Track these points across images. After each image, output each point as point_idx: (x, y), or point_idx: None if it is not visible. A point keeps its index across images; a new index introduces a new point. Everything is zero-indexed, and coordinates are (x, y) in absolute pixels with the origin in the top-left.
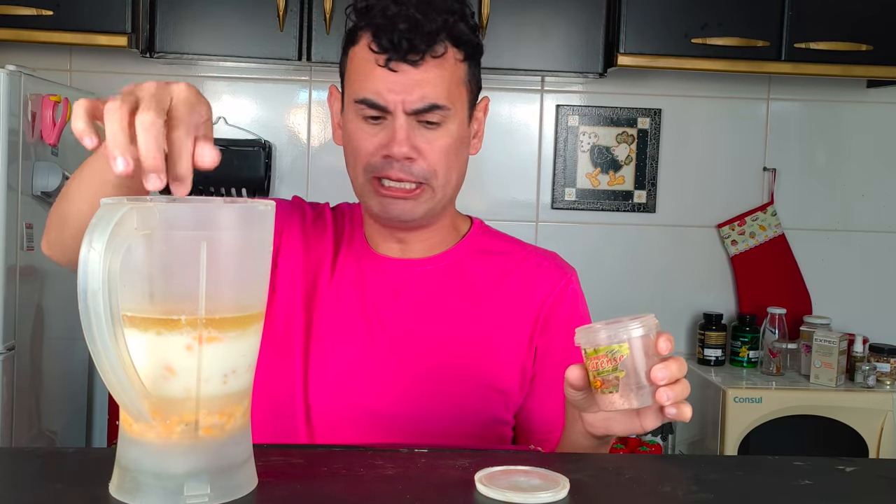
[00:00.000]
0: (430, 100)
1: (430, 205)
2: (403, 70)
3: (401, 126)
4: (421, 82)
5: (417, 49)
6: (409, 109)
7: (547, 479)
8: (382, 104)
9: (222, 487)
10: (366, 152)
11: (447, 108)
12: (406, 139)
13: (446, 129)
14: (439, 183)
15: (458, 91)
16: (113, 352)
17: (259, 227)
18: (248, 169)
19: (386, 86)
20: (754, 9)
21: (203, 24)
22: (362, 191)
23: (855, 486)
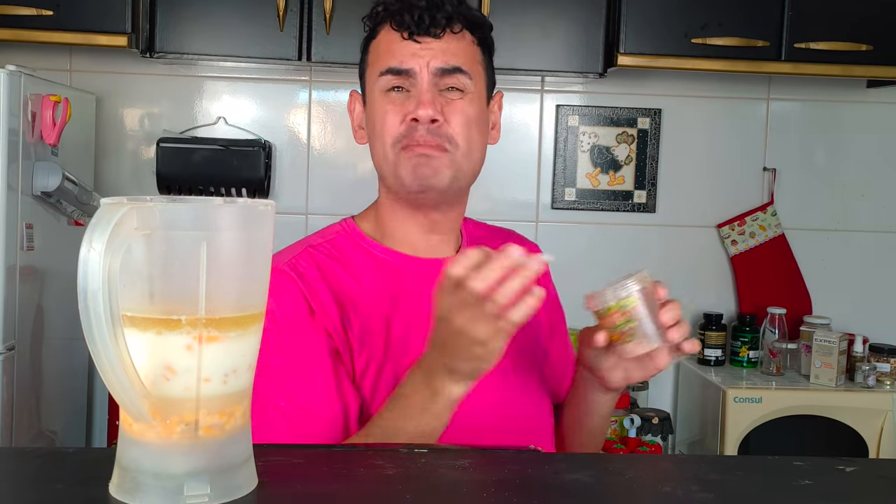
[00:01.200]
0: (454, 62)
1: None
2: (426, 41)
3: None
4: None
5: (438, 23)
6: (433, 69)
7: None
8: (407, 67)
9: (222, 487)
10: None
11: (468, 75)
12: (431, 101)
13: (469, 98)
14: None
15: (476, 68)
16: (113, 352)
17: (259, 227)
18: (248, 169)
19: (409, 52)
20: (754, 9)
21: (203, 24)
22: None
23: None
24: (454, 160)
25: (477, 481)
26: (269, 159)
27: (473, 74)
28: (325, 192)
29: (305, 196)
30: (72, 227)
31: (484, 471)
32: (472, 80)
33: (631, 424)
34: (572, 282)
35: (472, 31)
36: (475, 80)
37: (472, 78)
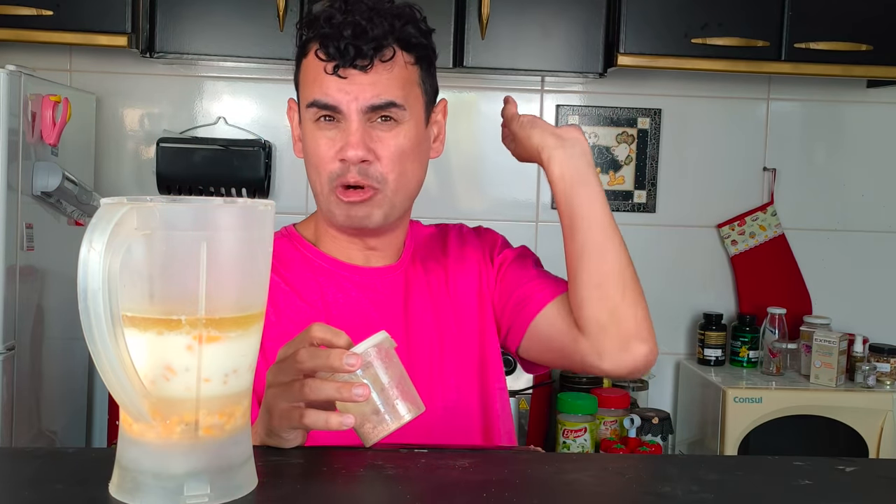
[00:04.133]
0: (385, 97)
1: (384, 210)
2: (352, 76)
3: (355, 129)
4: (374, 83)
5: (364, 54)
6: (362, 107)
7: None
8: (333, 104)
9: (222, 487)
10: (324, 159)
11: (401, 107)
12: (360, 142)
13: (402, 130)
14: (390, 189)
15: (412, 92)
16: (113, 352)
17: (259, 227)
18: (248, 169)
19: (337, 86)
20: (754, 9)
21: (203, 24)
22: (327, 202)
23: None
24: (385, 198)
25: (477, 481)
26: (269, 159)
27: (408, 102)
28: None
29: (305, 196)
30: (72, 227)
31: (484, 471)
32: (407, 109)
33: (631, 424)
34: None
35: (407, 51)
36: (410, 107)
37: (406, 108)
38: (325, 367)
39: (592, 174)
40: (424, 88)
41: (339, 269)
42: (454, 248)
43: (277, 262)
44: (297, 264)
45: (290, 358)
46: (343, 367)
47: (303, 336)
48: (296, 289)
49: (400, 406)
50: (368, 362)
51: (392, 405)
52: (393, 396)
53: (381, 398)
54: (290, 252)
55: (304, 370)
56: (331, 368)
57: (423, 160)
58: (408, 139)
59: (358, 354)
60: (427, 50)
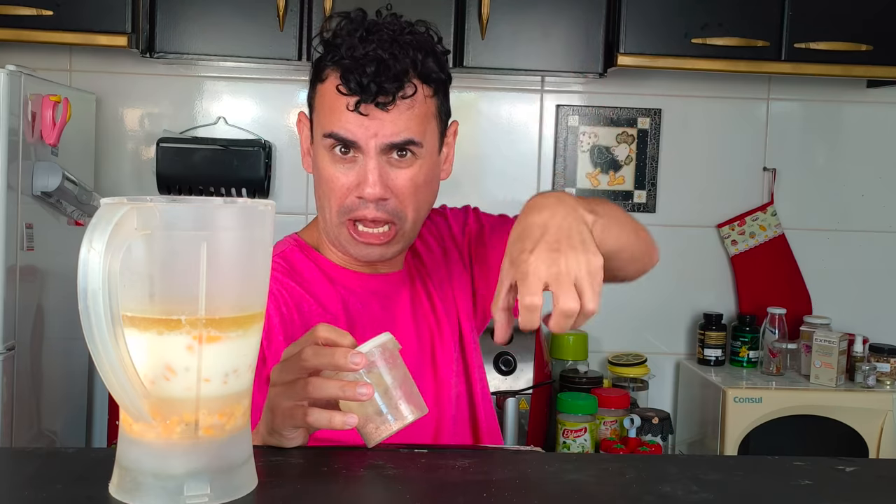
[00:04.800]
0: (403, 136)
1: (402, 244)
2: (374, 113)
3: (373, 167)
4: (394, 121)
5: (387, 91)
6: (381, 145)
7: None
8: (353, 139)
9: (222, 487)
10: (339, 192)
11: (419, 144)
12: (378, 180)
13: (418, 164)
14: (409, 223)
15: (429, 127)
16: (113, 352)
17: (259, 227)
18: (248, 169)
19: (356, 123)
20: (754, 9)
21: (203, 24)
22: (337, 232)
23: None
24: (402, 234)
25: (477, 481)
26: (269, 159)
27: (425, 138)
28: None
29: (305, 196)
30: (72, 227)
31: (484, 471)
32: (424, 145)
33: (631, 424)
34: None
35: (427, 84)
36: (427, 142)
37: (423, 144)
38: (329, 365)
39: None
40: (440, 118)
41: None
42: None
43: (296, 273)
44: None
45: (295, 357)
46: (347, 365)
47: (308, 336)
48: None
49: (403, 407)
50: (373, 362)
51: (395, 406)
52: (396, 397)
53: (385, 399)
54: (304, 262)
55: (308, 368)
56: (335, 367)
57: (436, 186)
58: (423, 173)
59: (362, 353)
60: (447, 80)
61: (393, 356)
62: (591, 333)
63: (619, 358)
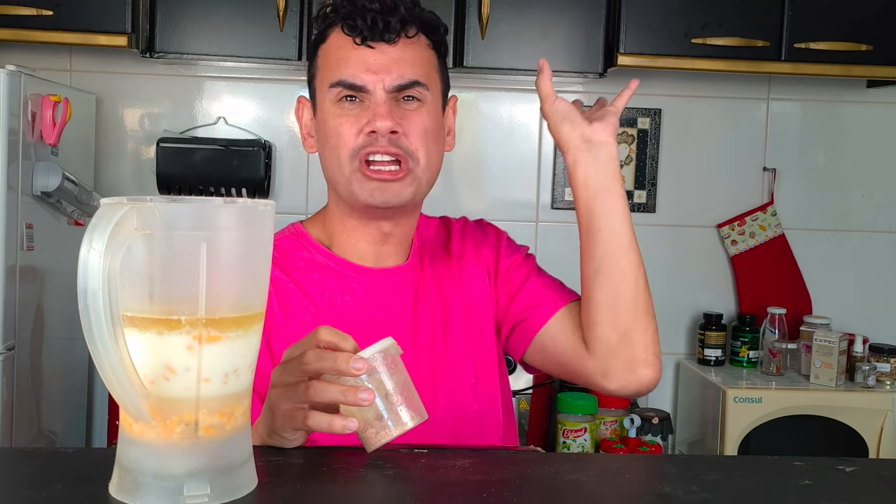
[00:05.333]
0: (410, 76)
1: (413, 188)
2: (380, 48)
3: (382, 102)
4: (399, 60)
5: (391, 27)
6: (389, 86)
7: None
8: (360, 84)
9: (222, 487)
10: (349, 135)
11: (425, 86)
12: (388, 114)
13: (425, 108)
14: (421, 166)
15: (432, 76)
16: (113, 352)
17: (259, 227)
18: (248, 169)
19: (364, 66)
20: (754, 9)
21: (203, 24)
22: (349, 180)
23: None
24: (415, 177)
25: (477, 481)
26: (269, 159)
27: (430, 84)
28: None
29: (305, 196)
30: (72, 227)
31: (484, 471)
32: (430, 89)
33: (631, 424)
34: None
35: (427, 34)
36: (432, 90)
37: (429, 88)
38: (331, 369)
39: (617, 184)
40: (441, 77)
41: (348, 270)
42: (459, 245)
43: (286, 262)
44: (305, 265)
45: (297, 359)
46: (349, 370)
47: (310, 338)
48: (304, 290)
49: (403, 413)
50: (374, 367)
51: (395, 411)
52: (396, 403)
53: (385, 404)
54: (298, 252)
55: (309, 372)
56: (337, 371)
57: (442, 147)
58: (431, 118)
59: (364, 358)
60: (443, 38)
61: (394, 361)
62: None
63: None
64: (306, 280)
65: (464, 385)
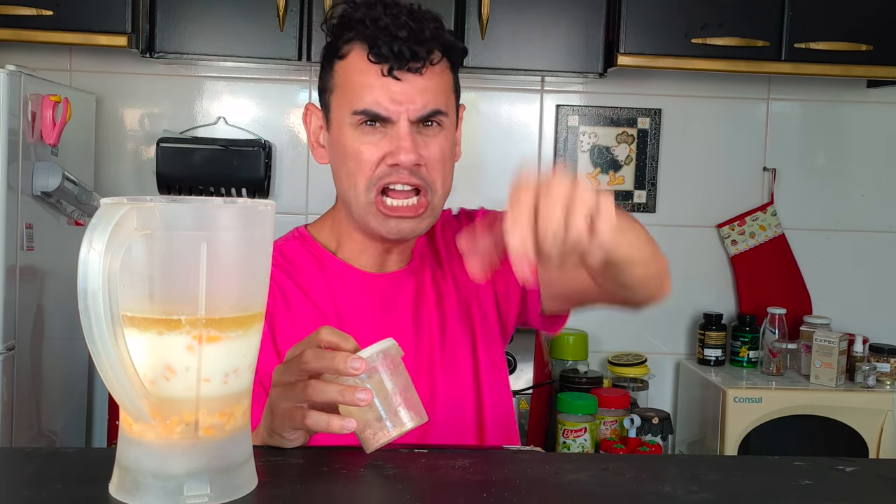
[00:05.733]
0: (433, 106)
1: (430, 220)
2: (407, 79)
3: (407, 134)
4: (423, 90)
5: (418, 56)
6: (413, 118)
7: None
8: (385, 115)
9: (222, 487)
10: (368, 164)
11: (446, 114)
12: (413, 147)
13: (444, 135)
14: (438, 195)
15: (451, 99)
16: (113, 352)
17: (259, 227)
18: (248, 169)
19: (388, 95)
20: (754, 9)
21: (203, 24)
22: (366, 211)
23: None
24: (432, 208)
25: (477, 481)
26: (269, 159)
27: (449, 109)
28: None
29: (305, 196)
30: (72, 227)
31: (484, 471)
32: (448, 115)
33: (631, 424)
34: None
35: (449, 57)
36: (450, 114)
37: (448, 115)
38: (329, 368)
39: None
40: (456, 94)
41: (351, 274)
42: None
43: (291, 267)
44: (310, 269)
45: (296, 358)
46: (347, 369)
47: (311, 338)
48: (308, 294)
49: (402, 414)
50: (374, 368)
51: (394, 412)
52: (396, 404)
53: (384, 405)
54: (303, 256)
55: (309, 371)
56: (335, 370)
57: (454, 166)
58: (448, 142)
59: (363, 358)
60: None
61: (394, 362)
62: (591, 333)
63: (619, 358)
64: (310, 284)
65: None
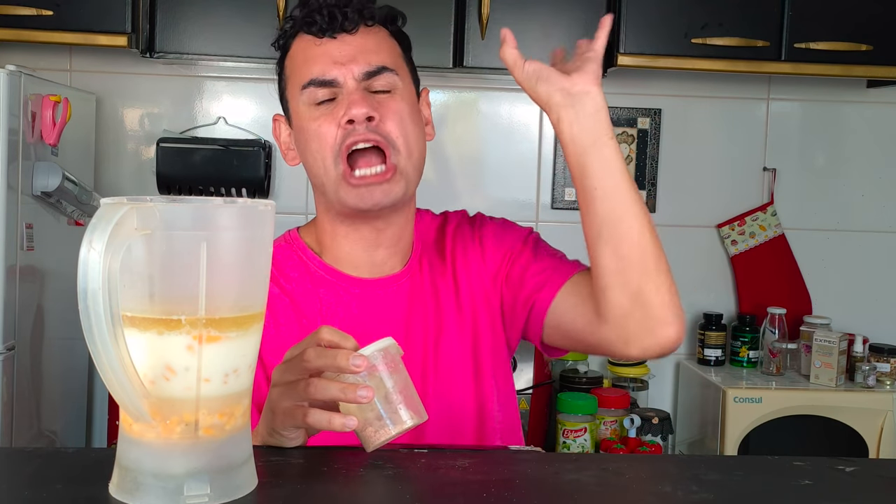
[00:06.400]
0: (377, 62)
1: (402, 184)
2: (343, 39)
3: (355, 89)
4: (363, 48)
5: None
6: (358, 74)
7: None
8: (330, 77)
9: (222, 487)
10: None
11: (394, 72)
12: (362, 99)
13: (398, 94)
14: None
15: (400, 64)
16: (113, 352)
17: (259, 227)
18: (248, 169)
19: (330, 59)
20: (754, 9)
21: (203, 24)
22: (335, 186)
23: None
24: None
25: (477, 481)
26: (269, 159)
27: (400, 71)
28: None
29: (305, 196)
30: (72, 227)
31: (484, 471)
32: (399, 77)
33: (631, 424)
34: None
35: (386, 25)
36: (402, 77)
37: (398, 75)
38: (331, 366)
39: (607, 135)
40: (410, 68)
41: (340, 280)
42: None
43: (278, 272)
44: (297, 275)
45: (298, 357)
46: (349, 367)
47: (312, 337)
48: (295, 301)
49: (402, 412)
50: (374, 366)
51: (395, 411)
52: (396, 402)
53: (384, 403)
54: (291, 261)
55: (310, 369)
56: (337, 368)
57: (422, 134)
58: (406, 104)
59: (364, 356)
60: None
61: (394, 361)
62: None
63: None
64: (297, 291)
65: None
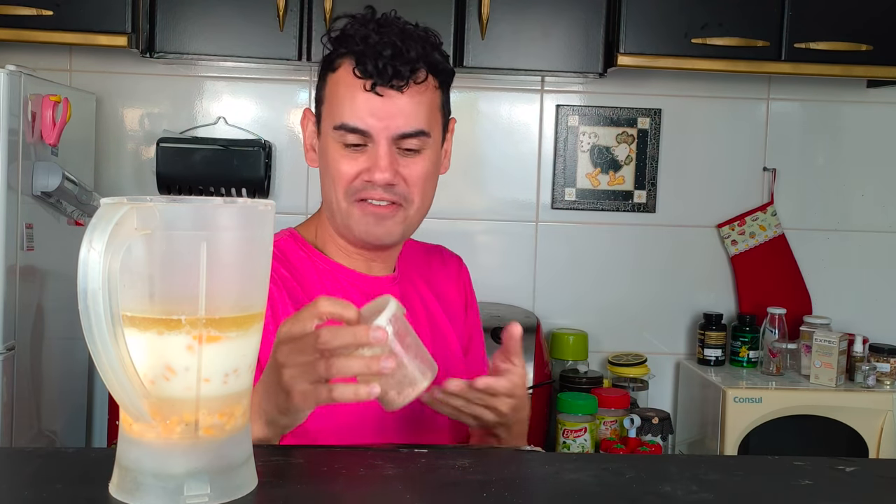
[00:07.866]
0: (414, 126)
1: (405, 227)
2: (388, 95)
3: (384, 153)
4: (404, 108)
5: (402, 75)
6: (392, 135)
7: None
8: (364, 129)
9: (222, 487)
10: (346, 177)
11: (428, 135)
12: (389, 165)
13: (425, 155)
14: (414, 208)
15: (435, 118)
16: (113, 352)
17: (259, 227)
18: (248, 169)
19: (369, 111)
20: (754, 9)
21: (203, 24)
22: (345, 215)
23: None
24: (407, 217)
25: (477, 481)
26: (269, 159)
27: (433, 129)
28: None
29: (305, 196)
30: (72, 227)
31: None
32: (431, 136)
33: (631, 424)
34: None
35: (435, 76)
36: (433, 135)
37: (431, 135)
38: (353, 344)
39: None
40: (444, 112)
41: (341, 273)
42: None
43: (286, 261)
44: (302, 264)
45: (310, 338)
46: (371, 340)
47: (309, 310)
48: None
49: (418, 372)
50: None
51: (412, 371)
52: (412, 363)
53: (401, 366)
54: (296, 253)
55: (329, 350)
56: (360, 345)
57: (435, 186)
58: (430, 164)
59: (382, 327)
60: (450, 75)
61: (403, 322)
62: (591, 333)
63: (619, 358)
64: (306, 279)
65: None
